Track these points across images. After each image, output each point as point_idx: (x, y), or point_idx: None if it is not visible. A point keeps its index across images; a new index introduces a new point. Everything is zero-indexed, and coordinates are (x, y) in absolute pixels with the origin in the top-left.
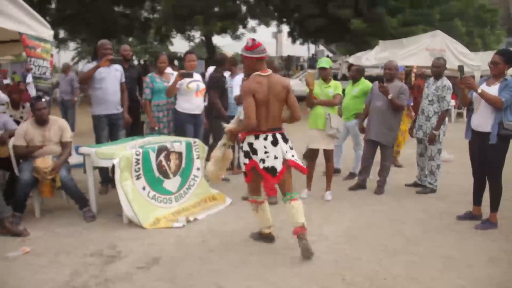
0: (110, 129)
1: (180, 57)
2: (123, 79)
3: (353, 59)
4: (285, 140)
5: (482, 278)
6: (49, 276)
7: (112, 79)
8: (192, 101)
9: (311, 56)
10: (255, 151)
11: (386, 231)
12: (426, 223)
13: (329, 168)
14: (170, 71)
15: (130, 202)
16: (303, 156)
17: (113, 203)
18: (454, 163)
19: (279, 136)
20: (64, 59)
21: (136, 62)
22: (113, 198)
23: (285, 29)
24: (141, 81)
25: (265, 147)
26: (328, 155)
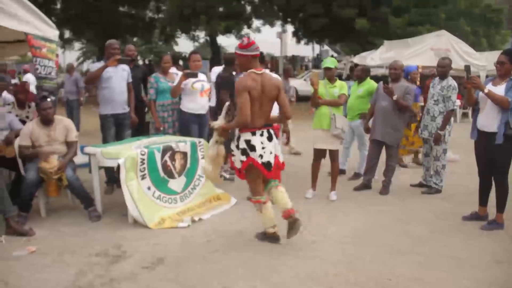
0: (116, 129)
1: (185, 57)
2: (130, 79)
3: (358, 59)
4: (276, 136)
5: (488, 279)
6: (54, 276)
7: (119, 78)
8: (197, 101)
9: (315, 56)
10: (253, 148)
11: (391, 231)
12: (431, 224)
13: (334, 168)
14: (175, 71)
15: (135, 202)
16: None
17: (118, 203)
18: (459, 163)
19: (272, 132)
20: (69, 59)
21: (141, 62)
22: (118, 198)
23: (289, 29)
24: (146, 81)
25: (261, 142)
26: (333, 155)
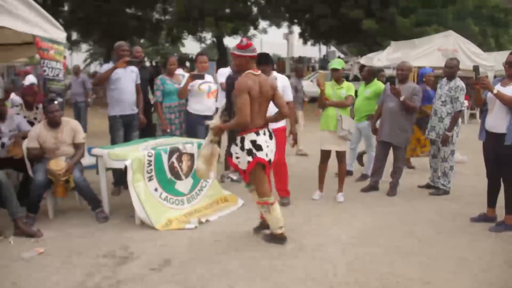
0: (124, 130)
1: (192, 58)
2: (139, 80)
3: (365, 60)
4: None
5: (496, 281)
6: (62, 277)
7: (128, 80)
8: (203, 103)
9: (322, 57)
10: (259, 147)
11: (398, 232)
12: (439, 225)
13: (341, 169)
14: (182, 72)
15: (142, 204)
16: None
17: (125, 204)
18: (467, 164)
19: (271, 130)
20: (76, 60)
21: (148, 63)
22: (125, 199)
23: (296, 30)
24: (153, 82)
25: (265, 141)
26: (340, 156)
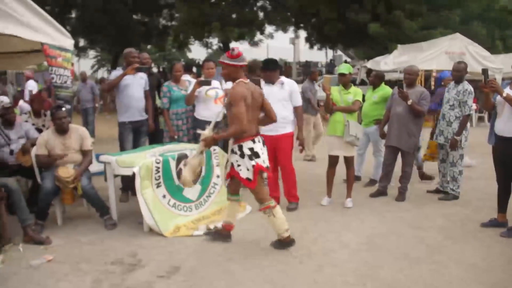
0: (133, 136)
1: (199, 64)
2: (147, 86)
3: (372, 64)
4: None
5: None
6: (71, 284)
7: (137, 86)
8: (211, 109)
9: (329, 61)
10: (257, 154)
11: (407, 238)
12: (448, 230)
13: (349, 175)
14: (188, 78)
15: (150, 210)
16: None
17: (133, 211)
18: (476, 169)
19: (262, 138)
20: (83, 67)
21: (156, 69)
22: (133, 205)
23: (302, 34)
24: (160, 88)
25: (261, 148)
26: (348, 162)
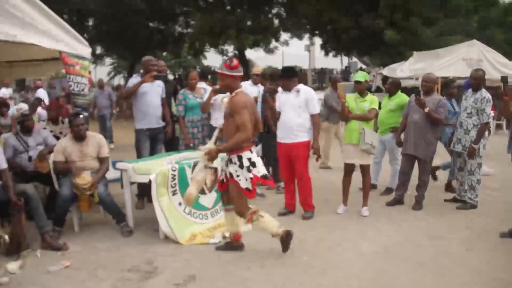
0: (150, 143)
1: (214, 71)
2: (164, 94)
3: (387, 71)
4: None
5: None
6: None
7: (154, 94)
8: None
9: (344, 68)
10: (254, 164)
11: (426, 248)
12: (467, 241)
13: (365, 183)
14: (203, 85)
15: (166, 218)
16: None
17: (149, 218)
18: (494, 177)
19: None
20: (100, 74)
21: (172, 76)
22: (149, 212)
23: (317, 41)
24: (176, 95)
25: (257, 157)
26: (364, 170)
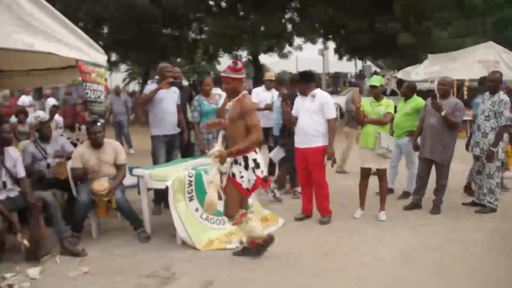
0: (166, 149)
1: None
2: (179, 100)
3: (402, 74)
4: None
5: None
6: None
7: (170, 100)
8: None
9: (358, 71)
10: (258, 165)
11: (445, 253)
12: (489, 245)
13: (382, 187)
14: (218, 91)
15: (183, 224)
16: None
17: (166, 224)
18: None
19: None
20: (115, 80)
21: (187, 82)
22: (166, 218)
23: (331, 45)
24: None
25: (261, 158)
26: (381, 174)
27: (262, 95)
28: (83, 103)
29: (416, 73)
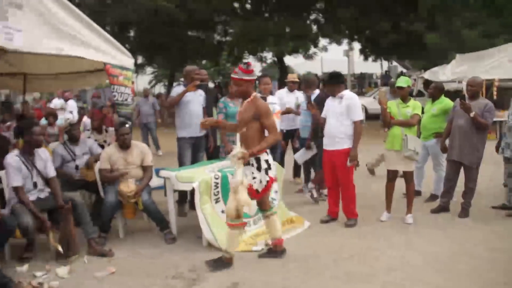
0: (191, 151)
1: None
2: (205, 103)
3: (429, 75)
4: None
5: None
6: None
7: (197, 103)
8: None
9: (384, 72)
10: (270, 166)
11: (479, 259)
12: None
13: (409, 190)
14: None
15: (209, 225)
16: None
17: (192, 225)
18: None
19: None
20: (141, 82)
21: (212, 84)
22: (192, 220)
23: (356, 46)
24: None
25: (272, 158)
26: (407, 176)
27: (286, 97)
28: (111, 105)
29: (444, 74)
